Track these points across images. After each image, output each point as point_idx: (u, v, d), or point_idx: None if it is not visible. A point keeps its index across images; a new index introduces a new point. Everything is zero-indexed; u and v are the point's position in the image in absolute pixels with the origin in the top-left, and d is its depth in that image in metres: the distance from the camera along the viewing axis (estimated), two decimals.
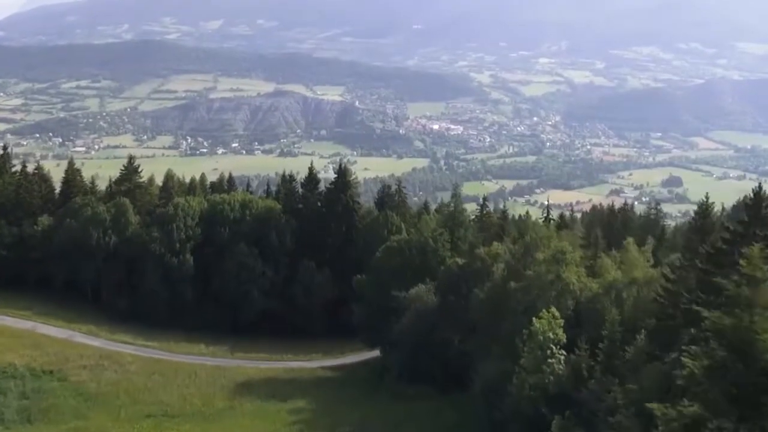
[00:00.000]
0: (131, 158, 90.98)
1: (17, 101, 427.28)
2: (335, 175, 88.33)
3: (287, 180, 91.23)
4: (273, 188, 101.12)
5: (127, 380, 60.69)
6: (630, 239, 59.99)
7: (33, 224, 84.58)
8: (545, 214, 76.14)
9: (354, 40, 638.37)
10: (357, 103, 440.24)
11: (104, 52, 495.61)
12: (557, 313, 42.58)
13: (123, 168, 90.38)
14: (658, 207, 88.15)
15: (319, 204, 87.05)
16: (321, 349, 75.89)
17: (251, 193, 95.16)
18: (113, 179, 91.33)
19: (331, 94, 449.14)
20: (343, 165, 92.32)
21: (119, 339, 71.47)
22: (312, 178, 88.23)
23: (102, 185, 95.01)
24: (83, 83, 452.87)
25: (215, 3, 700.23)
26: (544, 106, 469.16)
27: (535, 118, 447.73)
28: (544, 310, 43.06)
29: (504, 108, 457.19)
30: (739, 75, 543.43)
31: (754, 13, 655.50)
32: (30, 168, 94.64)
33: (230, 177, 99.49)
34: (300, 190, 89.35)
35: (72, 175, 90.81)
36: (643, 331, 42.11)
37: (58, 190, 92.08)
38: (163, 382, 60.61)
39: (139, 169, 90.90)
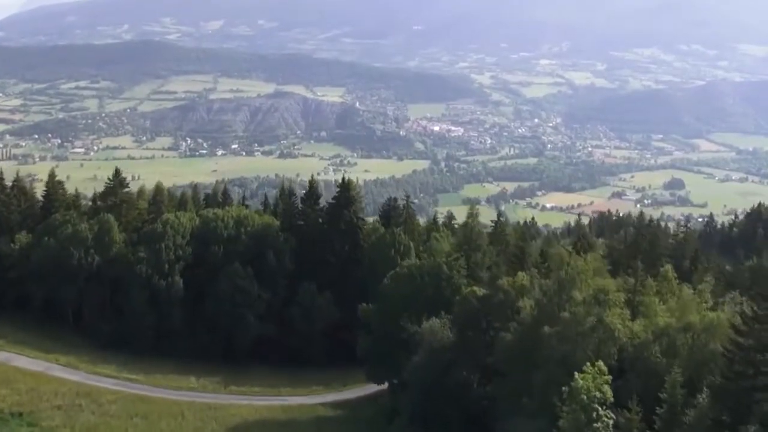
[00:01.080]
0: (117, 171, 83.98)
1: (16, 102, 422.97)
2: (338, 189, 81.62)
3: (286, 194, 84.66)
4: (271, 198, 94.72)
5: (104, 424, 53.96)
6: (668, 267, 53.88)
7: (10, 242, 78.03)
8: (577, 241, 68.47)
9: (354, 40, 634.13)
10: (357, 104, 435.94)
11: (104, 53, 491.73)
12: (604, 368, 36.00)
13: (109, 180, 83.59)
14: (688, 225, 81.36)
15: (320, 220, 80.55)
16: (321, 380, 69.90)
17: (247, 207, 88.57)
18: (98, 193, 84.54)
19: (332, 95, 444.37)
20: (346, 178, 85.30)
21: (100, 372, 64.88)
22: (313, 192, 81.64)
23: (90, 191, 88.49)
24: (82, 84, 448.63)
25: (216, 3, 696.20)
26: (545, 107, 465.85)
27: (536, 120, 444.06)
28: (587, 364, 36.45)
29: (505, 109, 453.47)
30: (741, 77, 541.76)
31: (755, 15, 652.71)
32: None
33: (225, 189, 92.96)
34: (299, 204, 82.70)
35: (53, 188, 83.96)
36: (705, 390, 35.77)
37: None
38: (144, 427, 53.94)
39: (126, 181, 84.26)
